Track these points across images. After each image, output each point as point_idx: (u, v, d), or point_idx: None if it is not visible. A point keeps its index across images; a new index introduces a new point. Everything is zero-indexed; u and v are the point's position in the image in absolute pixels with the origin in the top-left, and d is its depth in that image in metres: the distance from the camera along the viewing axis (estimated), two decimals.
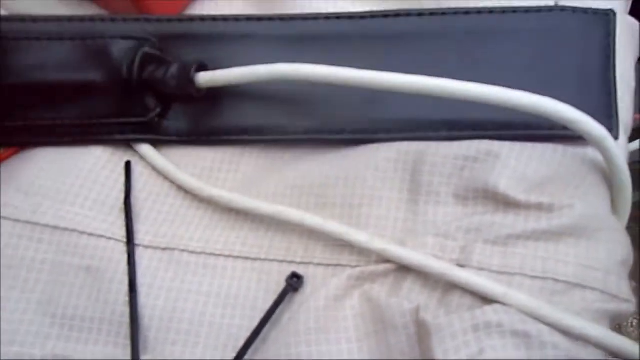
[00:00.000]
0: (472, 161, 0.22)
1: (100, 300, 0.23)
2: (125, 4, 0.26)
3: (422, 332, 0.20)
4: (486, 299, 0.20)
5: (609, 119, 0.23)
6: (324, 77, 0.22)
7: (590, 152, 0.23)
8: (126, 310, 0.22)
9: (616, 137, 0.23)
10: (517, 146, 0.22)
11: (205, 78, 0.24)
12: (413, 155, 0.23)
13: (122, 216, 0.24)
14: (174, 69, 0.24)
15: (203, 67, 0.25)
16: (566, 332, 0.19)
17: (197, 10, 0.28)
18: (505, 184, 0.21)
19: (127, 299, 0.23)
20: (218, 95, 0.25)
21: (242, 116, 0.25)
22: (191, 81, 0.24)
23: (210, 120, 0.25)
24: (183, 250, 0.24)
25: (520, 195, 0.21)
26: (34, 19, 0.26)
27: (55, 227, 0.24)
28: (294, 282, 0.22)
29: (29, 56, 0.25)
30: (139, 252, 0.24)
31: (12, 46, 0.25)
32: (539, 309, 0.19)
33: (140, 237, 0.24)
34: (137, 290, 0.23)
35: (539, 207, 0.21)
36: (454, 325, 0.19)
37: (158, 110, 0.25)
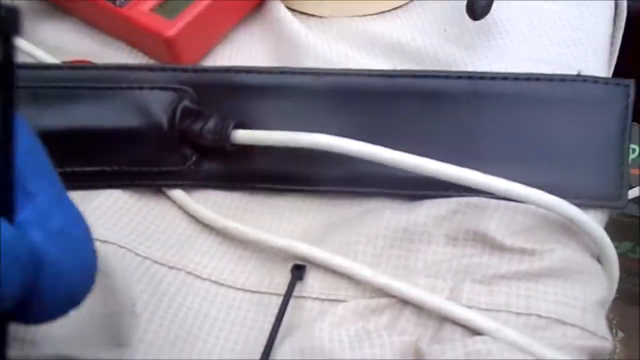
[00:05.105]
0: (465, 206, 0.24)
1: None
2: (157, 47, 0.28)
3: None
4: (476, 333, 0.21)
5: (619, 190, 0.24)
6: (361, 154, 0.23)
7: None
8: None
9: (623, 207, 0.24)
10: (506, 202, 0.24)
11: (242, 136, 0.25)
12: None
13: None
14: (211, 124, 0.25)
15: (240, 124, 0.25)
16: None
17: (219, 54, 0.30)
18: (494, 228, 0.23)
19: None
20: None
21: (274, 164, 0.26)
22: (227, 137, 0.25)
23: (241, 167, 0.26)
24: (189, 273, 0.24)
25: (507, 239, 0.23)
26: (72, 67, 0.27)
27: None
28: (298, 273, 0.24)
29: (69, 104, 0.25)
30: (146, 264, 0.24)
31: (52, 94, 0.25)
32: (528, 346, 0.20)
33: (149, 251, 0.24)
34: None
35: (522, 251, 0.23)
36: (446, 353, 0.20)
37: (194, 159, 0.26)
